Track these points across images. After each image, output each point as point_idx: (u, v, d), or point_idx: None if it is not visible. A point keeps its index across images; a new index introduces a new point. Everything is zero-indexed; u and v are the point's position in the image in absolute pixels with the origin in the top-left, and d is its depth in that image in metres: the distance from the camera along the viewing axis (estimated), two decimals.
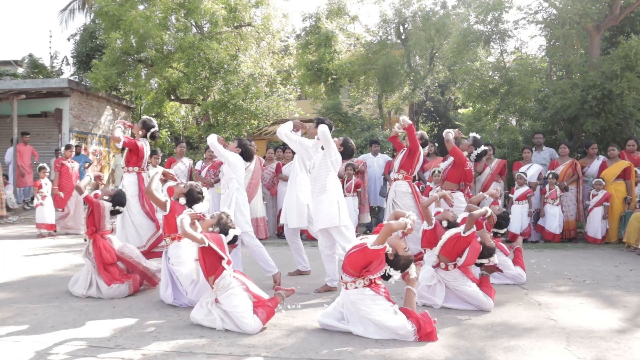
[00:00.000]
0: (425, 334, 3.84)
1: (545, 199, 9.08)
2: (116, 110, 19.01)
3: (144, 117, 6.86)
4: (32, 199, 14.18)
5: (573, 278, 6.14)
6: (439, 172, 8.40)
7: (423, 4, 16.66)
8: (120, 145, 6.28)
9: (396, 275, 4.02)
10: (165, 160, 10.77)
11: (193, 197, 5.10)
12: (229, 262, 4.21)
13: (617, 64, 10.09)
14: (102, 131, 18.04)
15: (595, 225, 8.92)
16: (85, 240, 5.69)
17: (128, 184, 6.40)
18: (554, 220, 8.98)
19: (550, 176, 9.06)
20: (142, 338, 3.90)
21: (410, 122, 6.30)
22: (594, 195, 9.00)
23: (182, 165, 9.87)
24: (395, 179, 6.49)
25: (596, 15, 11.10)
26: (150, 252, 6.27)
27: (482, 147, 7.10)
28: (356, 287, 3.98)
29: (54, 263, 7.03)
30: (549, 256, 7.67)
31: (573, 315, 4.56)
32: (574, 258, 7.57)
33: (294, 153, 6.72)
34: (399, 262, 3.99)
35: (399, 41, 17.41)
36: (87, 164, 15.63)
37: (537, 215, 9.29)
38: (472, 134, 7.28)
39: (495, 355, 3.58)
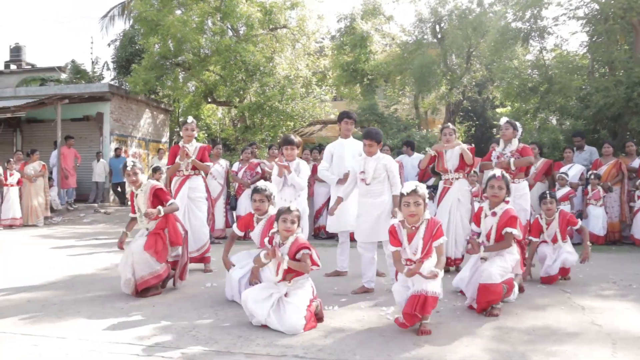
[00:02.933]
0: None
1: (588, 200, 8.83)
2: (155, 113, 19.41)
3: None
4: (75, 200, 14.65)
5: (618, 282, 5.94)
6: (475, 172, 8.37)
7: (459, 2, 16.45)
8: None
9: None
10: None
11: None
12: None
13: None
14: (142, 134, 18.45)
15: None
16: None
17: (196, 185, 6.58)
18: (597, 221, 8.73)
19: (592, 177, 8.81)
20: (182, 337, 3.96)
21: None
22: (639, 197, 8.71)
23: (219, 167, 9.98)
24: (456, 178, 6.41)
25: None
26: (201, 258, 6.44)
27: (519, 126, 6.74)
28: None
29: (96, 263, 7.22)
30: (593, 259, 7.40)
31: (619, 320, 4.41)
32: (619, 261, 7.34)
33: None
34: None
35: (435, 40, 17.22)
36: None
37: (579, 216, 9.04)
38: (504, 119, 6.75)
39: None
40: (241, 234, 5.23)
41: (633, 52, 11.12)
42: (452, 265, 6.33)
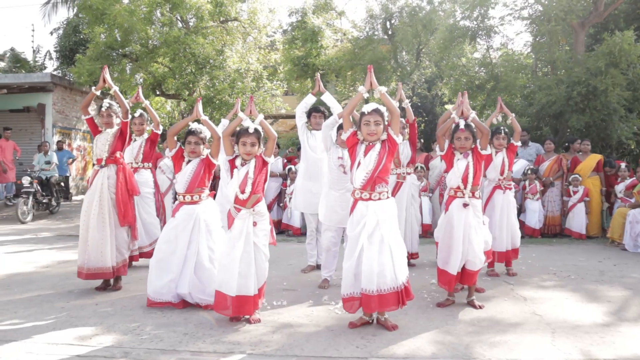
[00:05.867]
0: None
1: (526, 194, 9.12)
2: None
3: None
4: (15, 195, 14.00)
5: (558, 273, 6.17)
6: (421, 167, 8.61)
7: None
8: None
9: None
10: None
11: None
12: None
13: (601, 61, 10.16)
14: (86, 126, 17.77)
15: (580, 221, 9.01)
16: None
17: (144, 180, 6.40)
18: (533, 215, 9.03)
19: (530, 172, 9.10)
20: (125, 336, 3.84)
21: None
22: (574, 192, 9.08)
23: (169, 160, 9.73)
24: (408, 173, 6.41)
25: (581, 12, 11.18)
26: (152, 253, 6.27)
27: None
28: None
29: (36, 260, 6.92)
30: (534, 251, 7.71)
31: (558, 310, 4.58)
32: (559, 253, 7.63)
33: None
34: None
35: (385, 37, 17.37)
36: (70, 160, 15.44)
37: (519, 210, 9.33)
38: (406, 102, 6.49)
39: (481, 350, 3.58)
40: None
41: (573, 52, 11.55)
42: (409, 259, 6.39)
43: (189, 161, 4.76)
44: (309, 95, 5.85)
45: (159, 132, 6.05)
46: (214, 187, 6.01)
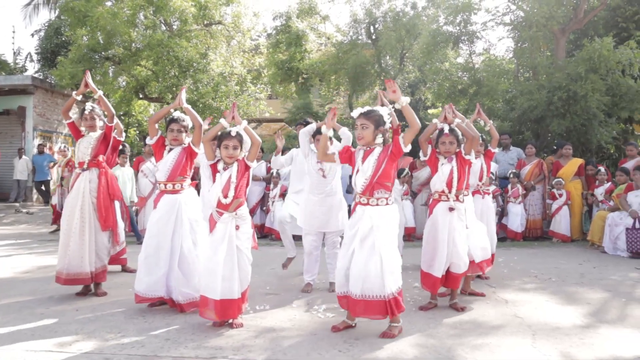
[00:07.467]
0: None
1: (508, 197, 9.22)
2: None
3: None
4: None
5: (539, 276, 6.24)
6: (407, 172, 8.66)
7: (393, 4, 16.75)
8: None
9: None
10: (134, 159, 10.58)
11: None
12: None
13: (581, 66, 10.32)
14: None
15: (566, 223, 9.13)
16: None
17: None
18: (515, 218, 9.14)
19: (512, 175, 9.20)
20: (106, 342, 3.80)
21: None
22: (560, 195, 9.20)
23: (151, 164, 9.69)
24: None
25: (562, 18, 11.35)
26: (117, 259, 6.16)
27: None
28: None
29: (16, 265, 6.82)
30: (516, 254, 7.79)
31: (539, 312, 4.63)
32: (540, 256, 7.72)
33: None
34: None
35: (369, 41, 17.47)
36: (51, 163, 15.25)
37: (500, 214, 9.42)
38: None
39: (463, 353, 3.60)
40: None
41: (554, 58, 11.72)
42: None
43: (171, 149, 4.75)
44: (313, 124, 5.67)
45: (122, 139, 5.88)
46: (194, 177, 5.91)
